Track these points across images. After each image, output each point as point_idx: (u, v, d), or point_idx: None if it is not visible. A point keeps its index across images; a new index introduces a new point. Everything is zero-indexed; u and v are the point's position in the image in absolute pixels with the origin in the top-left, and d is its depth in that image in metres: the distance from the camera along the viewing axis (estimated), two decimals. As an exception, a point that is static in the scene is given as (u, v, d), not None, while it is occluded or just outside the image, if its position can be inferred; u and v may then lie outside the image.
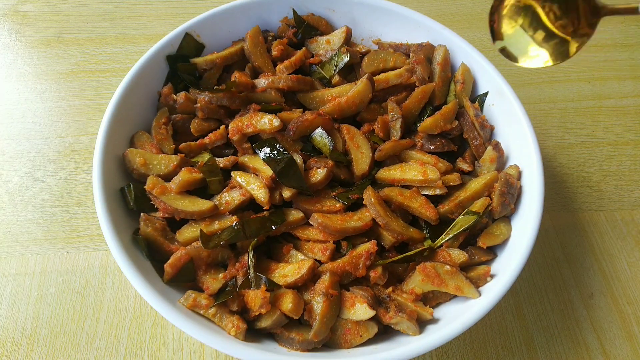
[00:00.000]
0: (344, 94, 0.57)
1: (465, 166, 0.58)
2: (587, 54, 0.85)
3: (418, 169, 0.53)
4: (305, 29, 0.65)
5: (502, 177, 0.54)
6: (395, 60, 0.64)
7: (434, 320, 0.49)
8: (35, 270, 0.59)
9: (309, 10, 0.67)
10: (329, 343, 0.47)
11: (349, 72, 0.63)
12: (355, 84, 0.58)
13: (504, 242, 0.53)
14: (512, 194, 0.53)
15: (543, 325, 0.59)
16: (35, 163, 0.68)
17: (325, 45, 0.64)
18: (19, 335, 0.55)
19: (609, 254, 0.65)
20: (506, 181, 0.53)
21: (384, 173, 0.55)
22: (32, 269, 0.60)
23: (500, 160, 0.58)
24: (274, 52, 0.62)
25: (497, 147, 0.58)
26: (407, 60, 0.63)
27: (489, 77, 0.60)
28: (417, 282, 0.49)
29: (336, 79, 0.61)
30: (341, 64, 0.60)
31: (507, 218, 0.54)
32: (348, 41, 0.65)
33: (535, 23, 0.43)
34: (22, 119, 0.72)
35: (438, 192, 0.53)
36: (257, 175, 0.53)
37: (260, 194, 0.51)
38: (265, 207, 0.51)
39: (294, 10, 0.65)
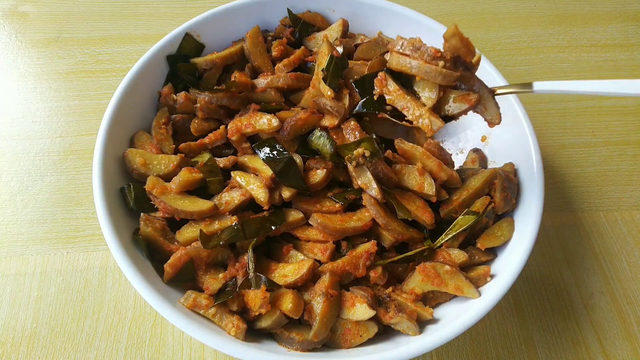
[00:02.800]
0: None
1: None
2: (587, 54, 0.85)
3: (416, 179, 0.52)
4: (302, 27, 0.65)
5: (501, 173, 0.54)
6: None
7: (433, 320, 0.49)
8: (35, 270, 0.59)
9: (307, 9, 0.67)
10: (329, 343, 0.48)
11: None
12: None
13: (504, 243, 0.53)
14: (512, 189, 0.53)
15: (543, 325, 0.59)
16: (35, 163, 0.68)
17: (323, 40, 0.64)
18: (19, 335, 0.55)
19: (608, 254, 0.65)
20: (506, 176, 0.54)
21: None
22: (32, 269, 0.59)
23: (482, 160, 0.59)
24: (274, 53, 0.62)
25: (477, 151, 0.60)
26: None
27: (489, 78, 0.60)
28: (417, 282, 0.49)
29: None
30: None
31: (511, 218, 0.54)
32: (346, 33, 0.65)
33: None
34: (22, 119, 0.72)
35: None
36: (256, 175, 0.53)
37: (260, 194, 0.51)
38: (265, 207, 0.51)
39: (288, 10, 0.65)
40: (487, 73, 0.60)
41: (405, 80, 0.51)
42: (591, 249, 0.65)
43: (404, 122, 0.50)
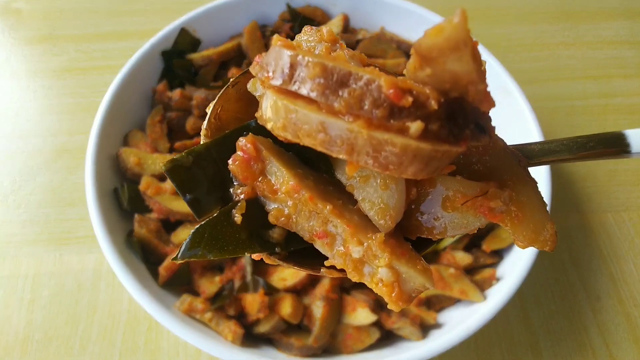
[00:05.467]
0: None
1: None
2: (594, 51, 0.83)
3: None
4: (302, 22, 0.63)
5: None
6: (395, 56, 0.62)
7: (437, 325, 0.48)
8: (28, 273, 0.58)
9: (307, 3, 0.66)
10: (329, 348, 0.46)
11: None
12: None
13: (510, 245, 0.51)
14: None
15: (549, 329, 0.57)
16: (27, 162, 0.67)
17: None
18: (12, 339, 0.54)
19: (616, 256, 0.63)
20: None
21: None
22: (25, 271, 0.58)
23: None
24: (272, 48, 0.60)
25: None
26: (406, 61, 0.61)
27: (494, 74, 0.58)
28: (420, 285, 0.48)
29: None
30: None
31: None
32: (347, 28, 0.64)
33: None
34: (14, 118, 0.71)
35: None
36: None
37: (258, 194, 0.49)
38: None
39: (287, 5, 0.64)
40: (492, 70, 0.58)
41: (312, 157, 0.21)
42: (598, 251, 0.63)
43: (323, 270, 0.22)
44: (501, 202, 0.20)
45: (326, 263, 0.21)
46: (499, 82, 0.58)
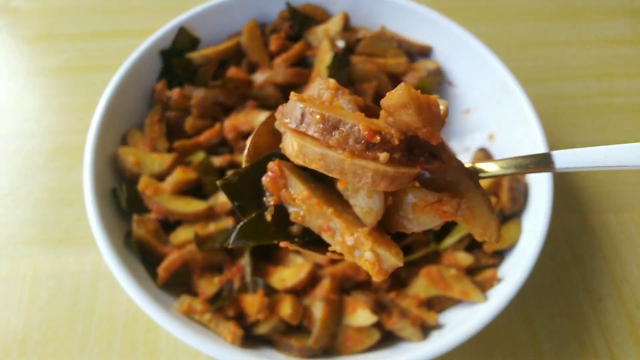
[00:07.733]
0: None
1: None
2: (596, 49, 0.82)
3: None
4: (301, 20, 0.63)
5: (508, 173, 0.52)
6: (395, 55, 0.61)
7: (438, 326, 0.47)
8: (27, 273, 0.58)
9: (307, 2, 0.65)
10: (329, 350, 0.46)
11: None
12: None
13: (511, 246, 0.51)
14: (519, 190, 0.52)
15: (551, 330, 0.57)
16: (25, 162, 0.66)
17: (323, 35, 0.62)
18: (11, 340, 0.53)
19: (618, 257, 0.63)
20: (513, 176, 0.52)
21: None
22: (23, 272, 0.58)
23: (489, 160, 0.58)
24: (272, 47, 0.60)
25: (483, 151, 0.58)
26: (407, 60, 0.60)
27: (495, 73, 0.58)
28: (422, 286, 0.48)
29: (334, 69, 0.58)
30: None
31: (519, 219, 0.52)
32: (346, 28, 0.63)
33: None
34: (12, 117, 0.70)
35: None
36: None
37: (258, 194, 0.49)
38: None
39: (287, 3, 0.63)
40: (493, 69, 0.58)
41: (320, 174, 0.28)
42: (600, 252, 0.63)
43: (328, 254, 0.30)
44: (451, 207, 0.28)
45: (330, 249, 0.30)
46: (500, 81, 0.57)
